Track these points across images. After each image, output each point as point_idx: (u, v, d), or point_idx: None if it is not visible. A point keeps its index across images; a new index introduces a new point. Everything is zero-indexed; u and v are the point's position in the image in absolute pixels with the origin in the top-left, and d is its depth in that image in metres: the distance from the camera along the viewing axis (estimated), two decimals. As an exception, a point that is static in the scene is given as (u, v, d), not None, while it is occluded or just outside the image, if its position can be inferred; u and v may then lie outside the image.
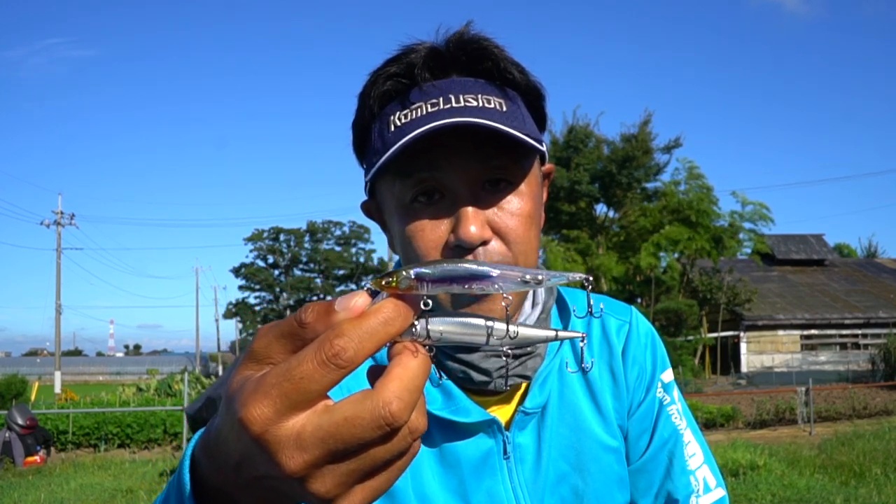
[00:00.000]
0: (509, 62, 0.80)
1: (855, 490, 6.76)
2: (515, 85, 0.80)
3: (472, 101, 0.75)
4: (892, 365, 19.87)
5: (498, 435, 0.84)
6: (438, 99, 0.75)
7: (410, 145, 0.72)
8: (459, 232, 0.75)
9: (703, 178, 20.09)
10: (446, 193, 0.77)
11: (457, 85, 0.77)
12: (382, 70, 0.79)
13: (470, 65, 0.79)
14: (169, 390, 19.84)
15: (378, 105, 0.79)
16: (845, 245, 43.38)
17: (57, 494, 8.52)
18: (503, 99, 0.77)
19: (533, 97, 0.83)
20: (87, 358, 66.90)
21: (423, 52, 0.78)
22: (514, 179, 0.78)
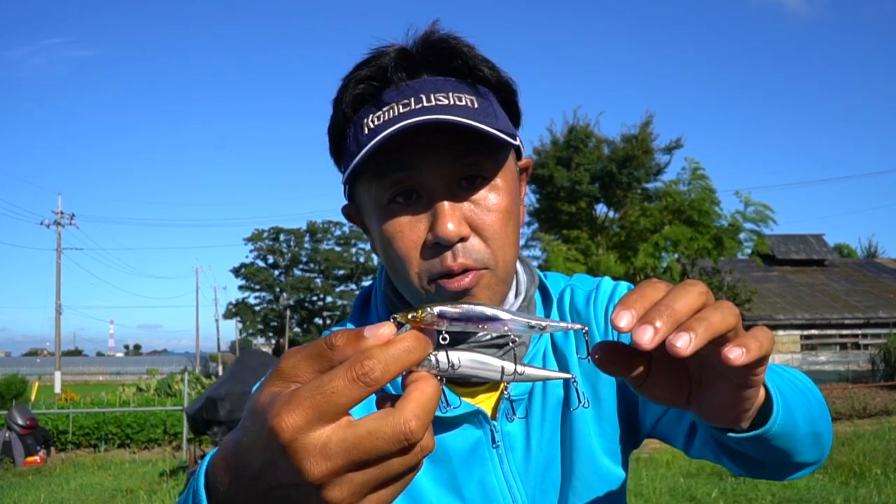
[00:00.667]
0: (479, 59, 0.80)
1: (855, 490, 6.77)
2: (486, 81, 0.81)
3: (443, 99, 0.76)
4: (892, 365, 19.87)
5: (485, 425, 0.85)
6: (410, 99, 0.76)
7: (384, 146, 0.73)
8: (437, 229, 0.75)
9: (707, 178, 20.08)
10: (422, 192, 0.78)
11: (427, 84, 0.77)
12: (353, 74, 0.80)
13: (440, 64, 0.79)
14: (169, 390, 19.86)
15: (351, 109, 0.80)
16: (845, 245, 43.37)
17: (57, 494, 8.52)
18: (474, 96, 0.78)
19: (505, 93, 0.84)
20: (87, 358, 66.92)
21: (393, 54, 0.79)
22: (488, 175, 0.79)
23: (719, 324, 0.48)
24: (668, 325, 0.47)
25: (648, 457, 9.13)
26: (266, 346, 52.96)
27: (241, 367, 9.85)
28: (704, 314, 0.49)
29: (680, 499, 6.71)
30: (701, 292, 0.50)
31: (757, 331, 0.51)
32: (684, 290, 0.50)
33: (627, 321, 0.48)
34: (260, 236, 52.54)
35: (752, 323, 22.60)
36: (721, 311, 0.49)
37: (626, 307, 0.48)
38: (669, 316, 0.48)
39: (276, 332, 53.42)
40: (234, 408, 8.75)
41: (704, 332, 0.47)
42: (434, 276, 0.78)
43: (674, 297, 0.49)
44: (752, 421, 0.62)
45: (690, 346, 0.46)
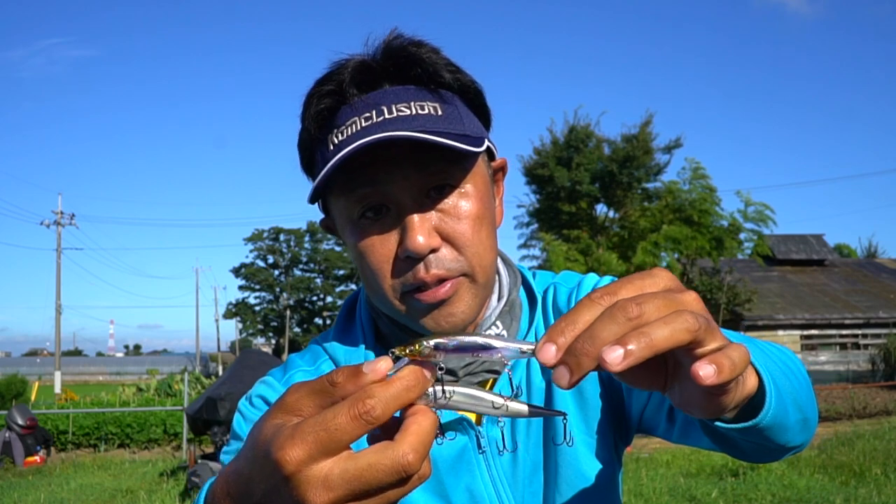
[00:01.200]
0: (440, 65, 0.80)
1: (855, 490, 6.76)
2: (449, 86, 0.80)
3: (404, 109, 0.76)
4: (892, 365, 19.87)
5: (470, 431, 0.84)
6: (371, 112, 0.76)
7: (349, 162, 0.73)
8: (406, 243, 0.76)
9: (708, 178, 20.07)
10: (391, 206, 0.78)
11: (389, 95, 0.77)
12: (315, 90, 0.80)
13: (400, 73, 0.79)
14: (169, 390, 19.87)
15: (315, 125, 0.80)
16: (845, 245, 43.36)
17: (57, 494, 8.51)
18: (438, 102, 0.78)
19: (471, 95, 0.83)
20: (87, 358, 66.93)
21: (352, 68, 0.79)
22: (456, 182, 0.78)
23: (664, 340, 0.44)
24: (586, 365, 0.44)
25: (648, 457, 9.13)
26: (266, 346, 52.96)
27: (241, 367, 9.84)
28: (650, 327, 0.44)
29: (680, 499, 6.71)
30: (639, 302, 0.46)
31: (732, 348, 0.47)
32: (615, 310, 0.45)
33: (549, 356, 0.45)
34: (260, 236, 52.55)
35: (752, 323, 22.41)
36: (673, 322, 0.45)
37: (549, 338, 0.46)
38: (591, 349, 0.44)
39: (276, 332, 53.42)
40: (233, 408, 8.70)
41: (641, 350, 0.43)
42: (408, 289, 0.78)
43: (602, 321, 0.45)
44: (742, 409, 0.60)
45: (622, 362, 0.43)
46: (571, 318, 0.46)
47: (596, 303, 0.47)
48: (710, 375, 0.45)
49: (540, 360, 0.45)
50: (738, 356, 0.47)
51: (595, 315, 0.46)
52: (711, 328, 0.47)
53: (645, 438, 11.73)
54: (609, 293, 0.48)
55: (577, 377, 0.44)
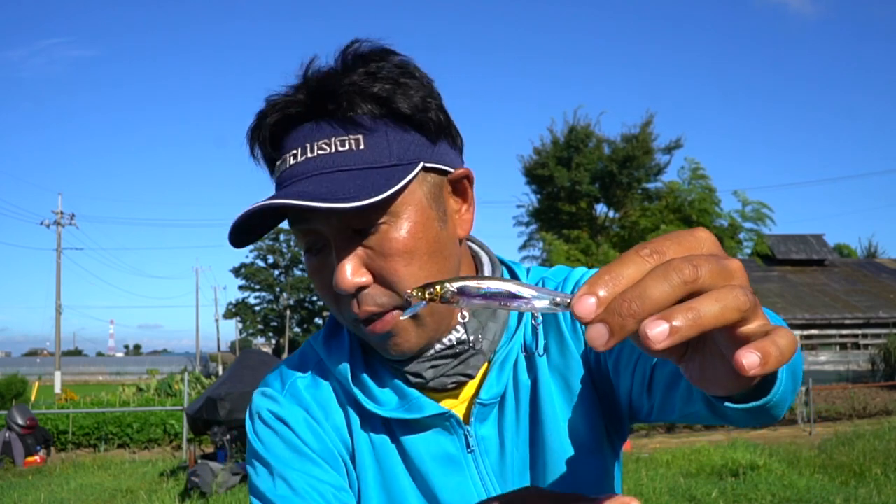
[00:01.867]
0: (364, 95, 0.78)
1: (855, 490, 6.76)
2: (372, 114, 0.78)
3: (325, 147, 0.77)
4: (892, 365, 19.87)
5: (458, 429, 0.84)
6: (297, 149, 0.79)
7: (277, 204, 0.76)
8: (334, 283, 0.77)
9: (708, 178, 20.10)
10: (325, 243, 0.80)
11: (312, 132, 0.79)
12: (251, 133, 0.85)
13: (320, 108, 0.79)
14: (169, 390, 19.87)
15: (260, 162, 0.86)
16: (845, 245, 43.35)
17: (57, 494, 8.52)
18: (360, 134, 0.77)
19: (401, 117, 0.79)
20: (87, 358, 66.94)
21: (281, 107, 0.81)
22: (378, 220, 0.76)
23: (713, 319, 0.40)
24: (630, 327, 0.40)
25: (648, 457, 9.13)
26: (266, 346, 52.97)
27: (241, 367, 9.85)
28: (698, 302, 0.40)
29: (680, 499, 6.71)
30: (695, 264, 0.41)
31: (779, 334, 0.41)
32: (669, 270, 0.41)
33: (587, 310, 0.40)
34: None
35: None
36: (724, 298, 0.41)
37: (590, 290, 0.41)
38: (639, 309, 0.40)
39: (276, 332, 53.42)
40: (234, 408, 8.75)
41: (689, 327, 0.39)
42: (353, 321, 0.80)
43: (654, 280, 0.40)
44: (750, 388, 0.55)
45: (665, 340, 0.39)
46: (616, 271, 0.41)
47: (643, 258, 0.42)
48: (755, 365, 0.40)
49: (576, 313, 0.40)
50: (785, 343, 0.41)
51: (642, 271, 0.41)
52: (757, 305, 0.43)
53: (645, 438, 11.72)
54: (656, 250, 0.42)
55: (616, 339, 0.40)
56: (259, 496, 0.84)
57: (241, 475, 7.97)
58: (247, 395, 8.71)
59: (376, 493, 0.85)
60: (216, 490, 7.57)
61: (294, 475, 0.82)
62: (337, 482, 0.84)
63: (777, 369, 0.42)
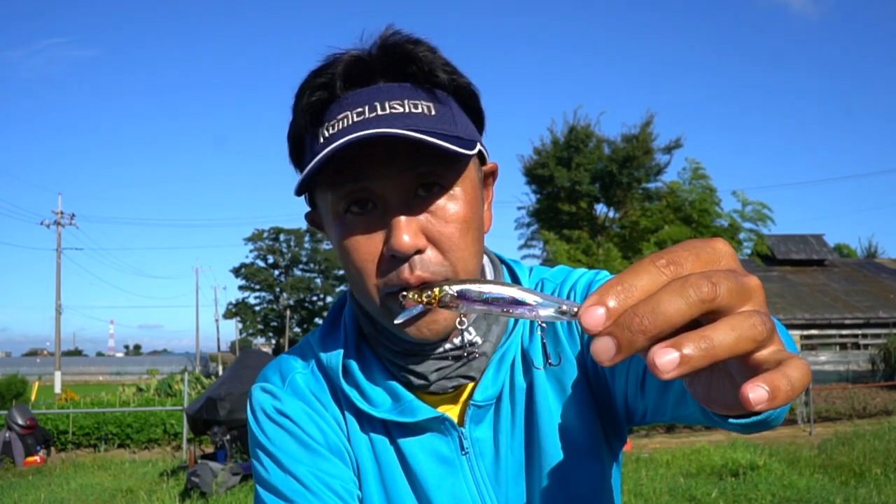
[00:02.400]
0: (436, 64, 0.78)
1: (855, 490, 6.76)
2: (444, 86, 0.79)
3: (397, 107, 0.74)
4: (892, 365, 19.87)
5: (453, 432, 0.84)
6: (364, 107, 0.74)
7: (338, 156, 0.72)
8: (392, 242, 0.73)
9: (708, 178, 20.10)
10: (378, 203, 0.76)
11: (382, 92, 0.75)
12: (308, 82, 0.79)
13: (395, 69, 0.77)
14: (169, 390, 19.85)
15: (307, 117, 0.78)
16: (845, 245, 43.34)
17: (57, 494, 8.51)
18: (432, 102, 0.76)
19: (465, 97, 0.81)
20: (87, 358, 66.92)
21: (346, 62, 0.77)
22: (446, 184, 0.76)
23: (727, 349, 0.37)
24: (639, 343, 0.38)
25: (648, 457, 9.13)
26: (266, 346, 52.96)
27: (241, 367, 9.84)
28: (713, 330, 0.38)
29: (680, 499, 6.70)
30: (714, 282, 0.38)
31: (791, 366, 0.38)
32: (686, 285, 0.38)
33: (596, 321, 0.38)
34: (260, 236, 52.54)
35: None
36: (740, 327, 0.38)
37: (600, 300, 0.39)
38: (650, 325, 0.37)
39: (276, 332, 53.42)
40: (234, 408, 8.75)
41: (700, 357, 0.37)
42: (391, 290, 0.76)
43: (669, 295, 0.38)
44: None
45: (674, 370, 0.36)
46: (628, 282, 0.39)
47: (658, 269, 0.39)
48: (762, 400, 0.37)
49: (584, 323, 0.38)
50: (797, 376, 0.38)
51: (656, 284, 0.39)
52: (774, 330, 0.40)
53: (645, 438, 11.72)
54: (673, 261, 0.40)
55: (623, 356, 0.38)
56: (272, 490, 0.83)
57: (241, 475, 7.97)
58: (247, 395, 8.64)
59: (376, 488, 0.85)
60: (216, 490, 7.56)
61: (303, 470, 0.82)
62: (344, 474, 0.83)
63: (785, 404, 0.39)
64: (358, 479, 0.86)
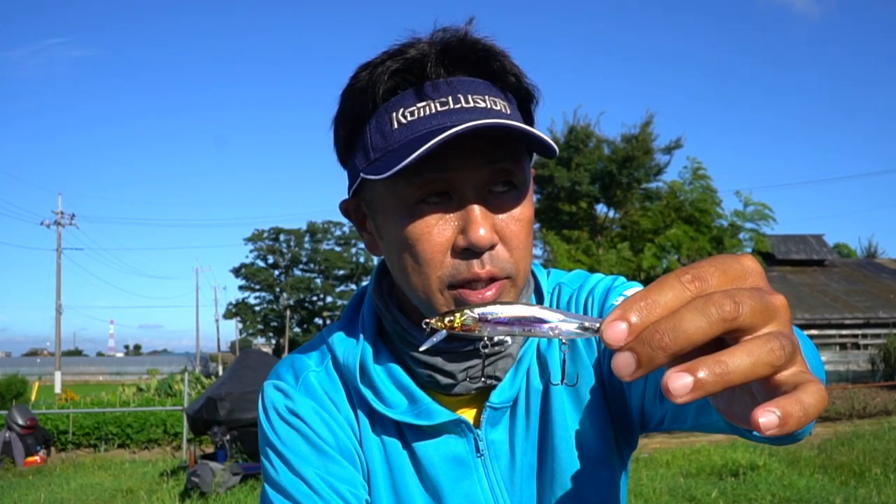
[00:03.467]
0: (514, 65, 0.79)
1: (855, 490, 6.76)
2: (513, 89, 0.80)
3: (480, 101, 0.74)
4: (892, 365, 19.88)
5: (468, 434, 0.83)
6: (448, 98, 0.73)
7: (420, 144, 0.70)
8: (470, 235, 0.73)
9: (709, 178, 20.09)
10: (454, 195, 0.75)
11: (465, 84, 0.75)
12: (382, 64, 0.76)
13: (479, 65, 0.77)
14: (169, 390, 19.86)
15: (379, 100, 0.76)
16: (844, 245, 43.34)
17: (57, 494, 8.51)
18: (505, 101, 0.77)
19: (525, 101, 0.82)
20: (87, 358, 66.88)
21: (429, 47, 0.75)
22: (517, 182, 0.77)
23: (742, 375, 0.37)
24: (659, 360, 0.38)
25: (648, 457, 9.13)
26: (266, 346, 52.97)
27: (241, 367, 9.84)
28: (729, 355, 0.37)
29: (680, 499, 6.71)
30: (737, 301, 0.38)
31: (807, 391, 0.38)
32: (709, 304, 0.38)
33: (618, 336, 0.38)
34: (260, 236, 52.55)
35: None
36: (758, 352, 0.38)
37: (623, 315, 0.39)
38: (671, 343, 0.37)
39: (276, 332, 53.43)
40: (234, 408, 8.75)
41: (714, 383, 0.37)
42: (457, 283, 0.75)
43: (691, 313, 0.38)
44: None
45: (687, 395, 0.36)
46: (652, 298, 0.39)
47: (683, 284, 0.39)
48: (772, 426, 0.37)
49: (605, 339, 0.38)
50: (812, 402, 0.38)
51: (681, 300, 0.39)
52: (796, 352, 0.40)
53: (645, 438, 11.72)
54: (697, 277, 0.40)
55: (643, 371, 0.38)
56: (280, 490, 0.82)
57: (241, 475, 7.97)
58: (247, 395, 8.72)
59: (386, 492, 0.84)
60: (216, 490, 7.57)
61: (312, 472, 0.81)
62: (353, 478, 0.83)
63: (795, 430, 0.38)
64: (368, 482, 0.85)
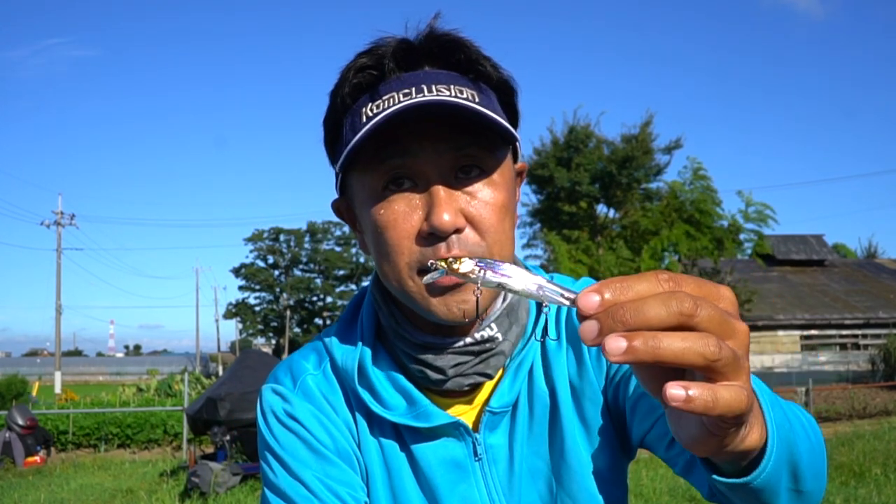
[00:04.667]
0: (482, 55, 0.79)
1: (855, 490, 6.77)
2: (487, 78, 0.79)
3: (444, 91, 0.74)
4: (892, 365, 19.87)
5: (467, 437, 0.83)
6: (411, 89, 0.74)
7: (382, 132, 0.72)
8: (432, 219, 0.73)
9: (709, 179, 20.08)
10: (419, 181, 0.76)
11: (429, 76, 0.76)
12: (353, 63, 0.78)
13: (442, 57, 0.78)
14: (169, 390, 19.84)
15: (350, 98, 0.78)
16: (844, 245, 43.34)
17: (57, 494, 8.51)
18: (476, 91, 0.77)
19: (505, 93, 0.82)
20: (88, 358, 66.91)
21: (394, 44, 0.77)
22: (486, 168, 0.77)
23: (672, 354, 0.41)
24: (620, 329, 0.43)
25: (648, 457, 9.13)
26: (266, 346, 52.97)
27: (241, 367, 9.84)
28: (666, 334, 0.42)
29: (680, 499, 6.71)
30: (698, 304, 0.43)
31: (725, 389, 0.43)
32: (672, 297, 0.43)
33: (589, 305, 0.44)
34: (260, 236, 52.56)
35: (752, 323, 22.32)
36: (692, 340, 0.42)
37: (598, 289, 0.44)
38: (630, 320, 0.42)
39: (276, 332, 53.44)
40: (234, 408, 8.75)
41: (645, 352, 0.41)
42: (425, 268, 0.75)
43: (655, 301, 0.43)
44: (740, 466, 0.56)
45: (619, 356, 0.41)
46: (627, 283, 0.44)
47: (658, 280, 0.45)
48: (678, 399, 0.42)
49: (579, 304, 0.44)
50: (727, 397, 0.43)
51: (651, 291, 0.44)
52: (736, 365, 0.44)
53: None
54: (674, 279, 0.45)
55: (600, 340, 0.43)
56: (279, 493, 0.82)
57: (240, 475, 7.97)
58: (247, 395, 8.71)
59: (384, 494, 0.84)
60: (216, 490, 7.57)
61: (311, 475, 0.82)
62: (352, 480, 0.83)
63: (702, 412, 0.42)
64: (366, 485, 0.85)
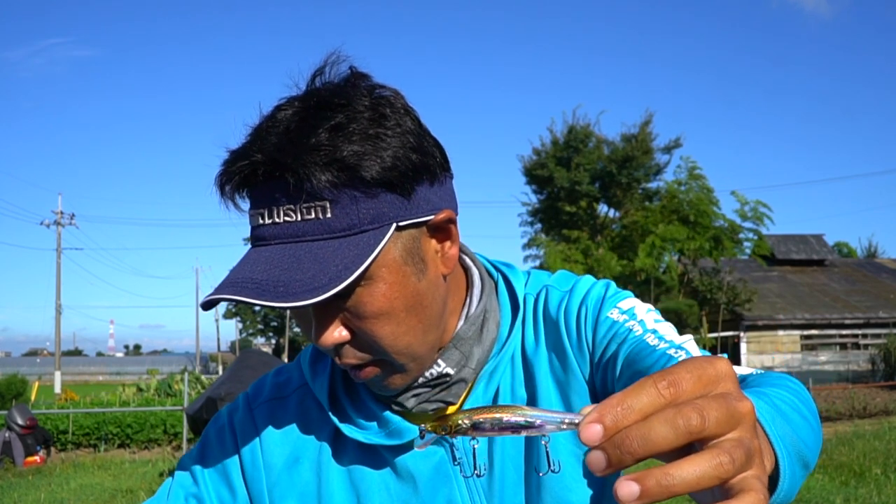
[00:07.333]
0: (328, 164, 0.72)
1: (855, 490, 6.77)
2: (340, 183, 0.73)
3: (290, 214, 0.73)
4: (892, 365, 19.89)
5: (444, 443, 0.84)
6: (264, 210, 0.74)
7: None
8: (313, 337, 0.76)
9: (705, 178, 20.08)
10: None
11: (277, 195, 0.73)
12: (220, 174, 0.77)
13: (281, 174, 0.73)
14: (169, 390, 19.83)
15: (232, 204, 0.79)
16: (844, 244, 43.35)
17: (57, 494, 8.52)
18: (327, 201, 0.72)
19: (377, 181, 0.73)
20: (87, 358, 66.95)
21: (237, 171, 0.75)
22: (352, 283, 0.72)
23: (687, 487, 0.40)
24: (627, 462, 0.41)
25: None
26: (266, 346, 53.00)
27: (241, 367, 9.83)
28: (678, 467, 0.40)
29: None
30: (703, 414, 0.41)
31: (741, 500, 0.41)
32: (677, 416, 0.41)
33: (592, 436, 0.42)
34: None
35: (752, 323, 22.37)
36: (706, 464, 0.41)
37: (599, 417, 0.42)
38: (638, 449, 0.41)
39: (276, 332, 53.47)
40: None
41: (659, 493, 0.40)
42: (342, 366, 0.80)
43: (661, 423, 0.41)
44: None
45: (633, 501, 0.40)
46: (628, 403, 0.42)
47: (659, 391, 0.43)
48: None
49: (581, 437, 0.42)
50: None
51: (654, 406, 0.42)
52: (749, 462, 0.42)
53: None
54: (672, 384, 0.43)
55: (611, 470, 0.42)
56: (180, 467, 0.92)
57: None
58: (247, 395, 8.70)
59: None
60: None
61: (199, 475, 0.89)
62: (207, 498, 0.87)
63: None
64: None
